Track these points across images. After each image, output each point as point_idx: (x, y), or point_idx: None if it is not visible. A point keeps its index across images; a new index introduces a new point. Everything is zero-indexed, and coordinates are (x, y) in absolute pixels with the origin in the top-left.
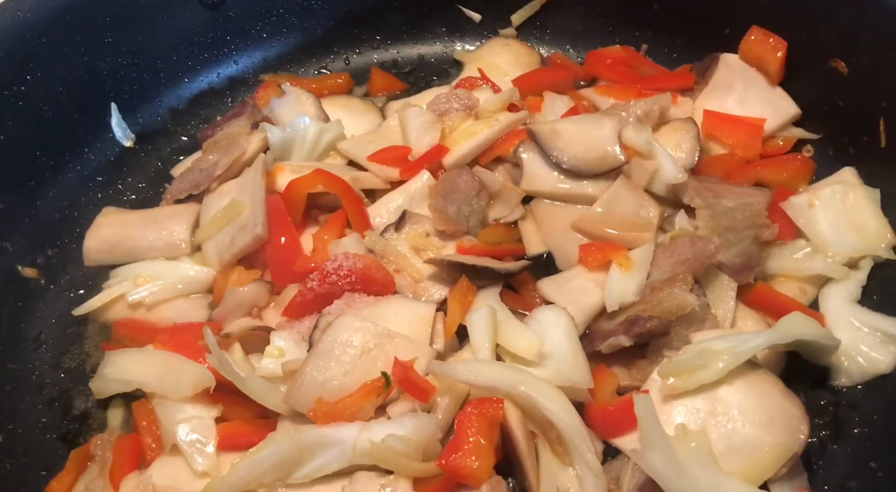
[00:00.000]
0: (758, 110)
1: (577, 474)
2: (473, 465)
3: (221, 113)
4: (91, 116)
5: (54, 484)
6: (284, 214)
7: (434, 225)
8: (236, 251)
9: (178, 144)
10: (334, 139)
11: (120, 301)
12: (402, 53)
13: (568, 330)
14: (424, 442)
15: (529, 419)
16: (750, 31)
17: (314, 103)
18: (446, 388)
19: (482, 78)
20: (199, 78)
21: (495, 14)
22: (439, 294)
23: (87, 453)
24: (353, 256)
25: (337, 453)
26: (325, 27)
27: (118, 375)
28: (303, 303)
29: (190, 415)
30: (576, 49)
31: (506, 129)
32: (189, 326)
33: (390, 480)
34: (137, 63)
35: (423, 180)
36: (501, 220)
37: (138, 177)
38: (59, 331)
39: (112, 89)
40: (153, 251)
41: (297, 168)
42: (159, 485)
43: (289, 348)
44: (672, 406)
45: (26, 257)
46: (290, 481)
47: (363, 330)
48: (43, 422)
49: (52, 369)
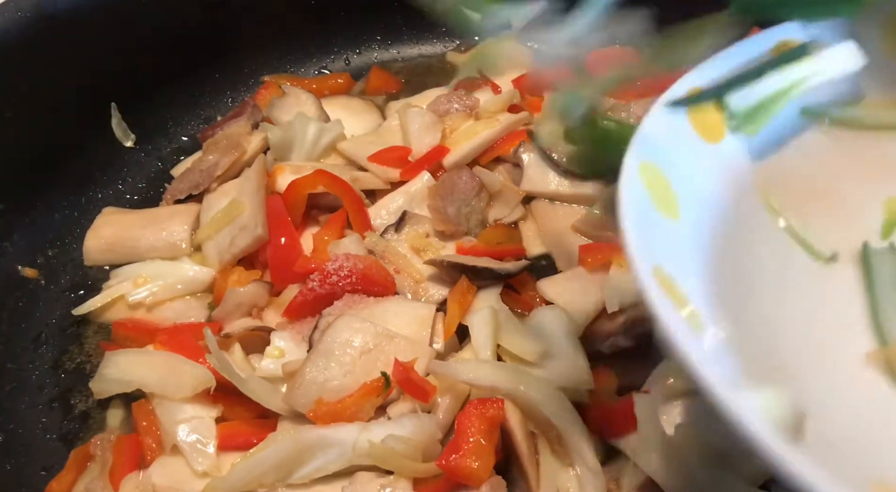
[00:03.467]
0: None
1: (576, 475)
2: (473, 465)
3: (221, 113)
4: (91, 116)
5: (54, 484)
6: (284, 214)
7: (434, 225)
8: (236, 252)
9: (178, 144)
10: (334, 139)
11: (120, 301)
12: (402, 53)
13: (568, 330)
14: (424, 442)
15: (529, 420)
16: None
17: (314, 103)
18: (447, 388)
19: (482, 78)
20: (198, 78)
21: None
22: (439, 295)
23: (86, 453)
24: (353, 256)
25: (337, 454)
26: (325, 27)
27: (118, 375)
28: (303, 303)
29: (190, 415)
30: None
31: (506, 129)
32: (189, 326)
33: (390, 480)
34: (137, 63)
35: (423, 181)
36: (501, 220)
37: (138, 177)
38: (59, 331)
39: (112, 89)
40: (153, 251)
41: (297, 168)
42: (159, 485)
43: (289, 349)
44: (672, 406)
45: (26, 257)
46: (291, 482)
47: (363, 331)
48: (43, 422)
49: (52, 369)
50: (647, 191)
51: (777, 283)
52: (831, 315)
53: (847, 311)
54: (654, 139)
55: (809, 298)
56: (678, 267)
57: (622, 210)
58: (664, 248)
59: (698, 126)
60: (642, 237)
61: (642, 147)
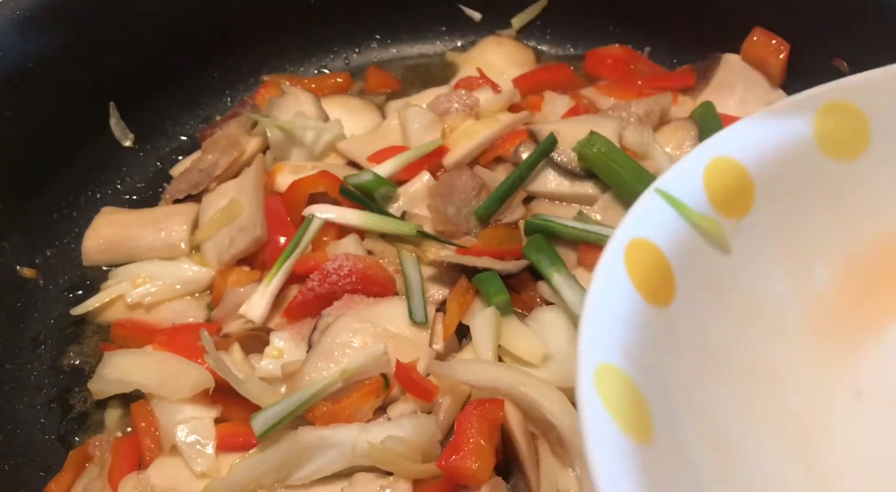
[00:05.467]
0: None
1: (577, 476)
2: (473, 466)
3: (221, 113)
4: (90, 116)
5: (53, 485)
6: (284, 214)
7: (434, 225)
8: (236, 252)
9: (178, 144)
10: (334, 139)
11: (119, 302)
12: (402, 53)
13: (568, 331)
14: (424, 443)
15: (530, 420)
16: (752, 32)
17: (314, 103)
18: (447, 389)
19: (482, 78)
20: (198, 77)
21: (496, 13)
22: (439, 295)
23: (85, 453)
24: (353, 256)
25: (336, 455)
26: (324, 27)
27: (117, 375)
28: (303, 303)
29: (189, 416)
30: (576, 49)
31: (506, 129)
32: (188, 326)
33: (390, 481)
34: (137, 63)
35: (423, 181)
36: (501, 220)
37: (137, 177)
38: (58, 331)
39: (111, 89)
40: (152, 251)
41: (296, 168)
42: (158, 486)
43: (288, 349)
44: None
45: (25, 257)
46: (290, 483)
47: (362, 331)
48: (41, 423)
49: (51, 369)
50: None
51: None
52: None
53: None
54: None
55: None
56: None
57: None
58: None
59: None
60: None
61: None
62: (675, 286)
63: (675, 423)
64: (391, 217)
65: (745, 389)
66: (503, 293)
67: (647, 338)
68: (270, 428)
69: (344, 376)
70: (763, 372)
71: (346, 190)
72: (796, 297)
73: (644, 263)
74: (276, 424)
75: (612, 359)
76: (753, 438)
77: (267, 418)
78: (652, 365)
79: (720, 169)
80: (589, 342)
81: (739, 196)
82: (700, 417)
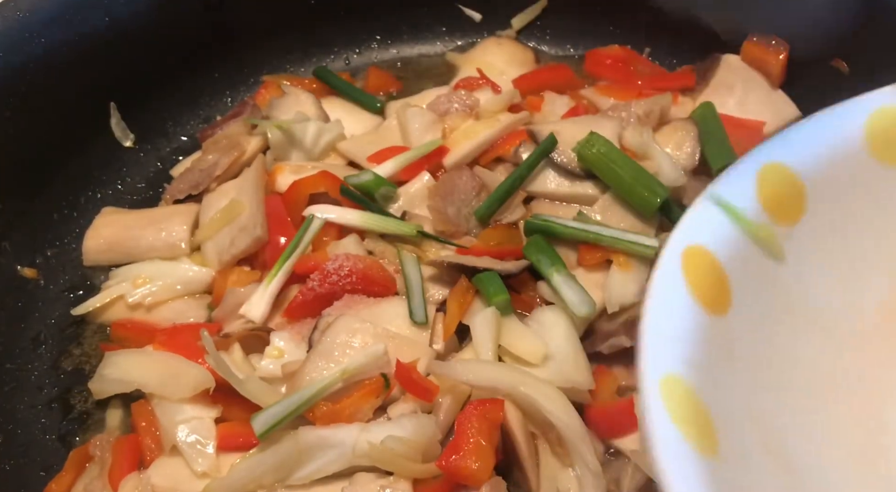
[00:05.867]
0: (758, 112)
1: (577, 476)
2: (473, 466)
3: (221, 113)
4: (90, 116)
5: (53, 485)
6: (284, 214)
7: (434, 226)
8: (236, 252)
9: (178, 144)
10: (334, 139)
11: (119, 302)
12: (402, 53)
13: (568, 331)
14: (424, 443)
15: (530, 420)
16: (752, 32)
17: (314, 103)
18: (447, 389)
19: (482, 78)
20: (198, 78)
21: (495, 14)
22: (439, 295)
23: (86, 453)
24: (353, 256)
25: (336, 455)
26: (324, 27)
27: (117, 375)
28: (303, 303)
29: (189, 416)
30: (576, 49)
31: (506, 129)
32: (188, 326)
33: (390, 481)
34: (137, 63)
35: (423, 181)
36: (501, 220)
37: (138, 177)
38: (58, 331)
39: (112, 89)
40: (152, 251)
41: (296, 168)
42: (158, 486)
43: (288, 349)
44: None
45: (25, 257)
46: (290, 483)
47: (363, 331)
48: (42, 423)
49: (51, 369)
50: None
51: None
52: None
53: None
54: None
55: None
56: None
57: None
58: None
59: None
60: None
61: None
62: (731, 295)
63: (738, 434)
64: (391, 217)
65: (803, 399)
66: (503, 293)
67: (708, 349)
68: (271, 428)
69: (344, 376)
70: (821, 381)
71: (346, 190)
72: (851, 304)
73: (701, 272)
74: (277, 424)
75: (677, 369)
76: (815, 447)
77: (267, 418)
78: (712, 377)
79: (771, 175)
80: (653, 352)
81: (791, 203)
82: (760, 428)
